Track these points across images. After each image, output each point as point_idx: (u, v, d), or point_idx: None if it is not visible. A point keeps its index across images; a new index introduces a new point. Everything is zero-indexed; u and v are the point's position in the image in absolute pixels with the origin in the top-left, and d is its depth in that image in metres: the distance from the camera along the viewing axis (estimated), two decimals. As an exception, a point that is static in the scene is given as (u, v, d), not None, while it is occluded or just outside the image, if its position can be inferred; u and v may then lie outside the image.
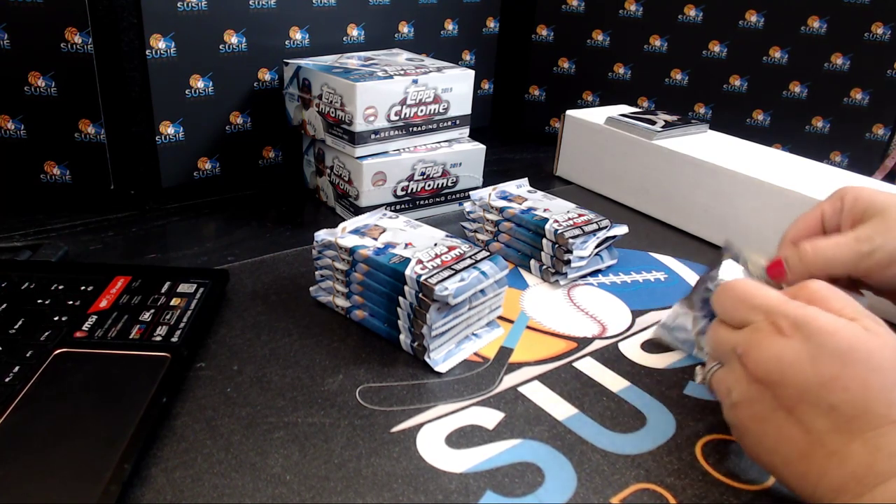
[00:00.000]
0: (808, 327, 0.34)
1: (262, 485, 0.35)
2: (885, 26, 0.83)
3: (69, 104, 0.62)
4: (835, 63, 0.86)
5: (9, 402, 0.36)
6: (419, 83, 0.64)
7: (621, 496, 0.36)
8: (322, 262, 0.50)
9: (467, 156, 0.69)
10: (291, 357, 0.45)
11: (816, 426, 0.33)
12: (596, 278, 0.58)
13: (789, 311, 0.35)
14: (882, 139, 0.88)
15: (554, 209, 0.60)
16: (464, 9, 0.86)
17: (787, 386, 0.34)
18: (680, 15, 0.87)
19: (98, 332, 0.43)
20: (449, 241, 0.49)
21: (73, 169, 0.65)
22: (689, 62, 0.89)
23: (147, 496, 0.33)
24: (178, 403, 0.40)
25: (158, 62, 0.63)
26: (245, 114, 0.71)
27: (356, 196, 0.65)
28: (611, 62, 0.92)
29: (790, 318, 0.34)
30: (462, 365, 0.46)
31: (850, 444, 0.32)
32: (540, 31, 0.92)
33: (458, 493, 0.35)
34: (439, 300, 0.43)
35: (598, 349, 0.48)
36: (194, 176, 0.70)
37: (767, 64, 0.87)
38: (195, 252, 0.59)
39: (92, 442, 0.34)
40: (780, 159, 0.69)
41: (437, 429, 0.40)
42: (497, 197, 0.62)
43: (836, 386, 0.32)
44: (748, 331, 0.36)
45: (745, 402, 0.36)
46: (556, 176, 0.83)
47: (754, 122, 0.90)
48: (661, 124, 0.73)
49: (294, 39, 0.72)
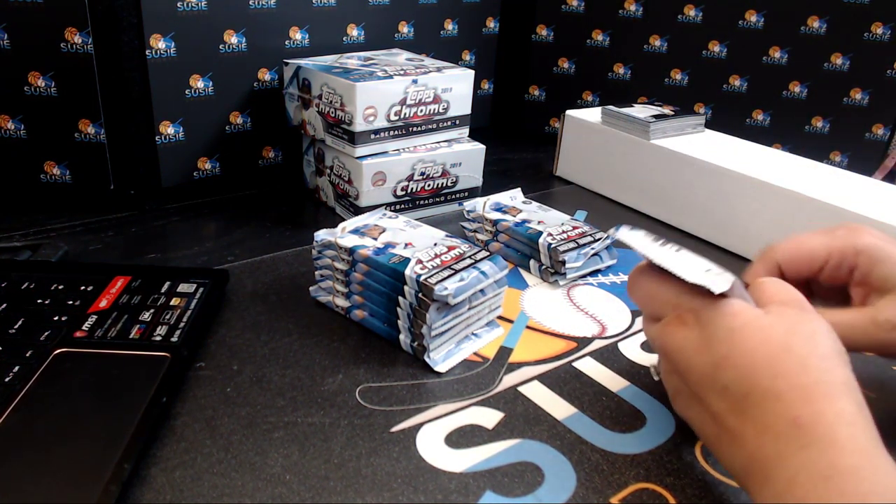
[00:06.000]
0: (705, 313, 0.34)
1: (262, 484, 0.35)
2: (884, 26, 0.83)
3: (69, 104, 0.62)
4: (835, 63, 0.86)
5: (9, 402, 0.36)
6: (419, 83, 0.64)
7: (621, 496, 0.36)
8: (322, 262, 0.50)
9: (467, 156, 0.69)
10: (291, 357, 0.45)
11: (717, 409, 0.33)
12: (596, 278, 0.58)
13: (690, 301, 0.35)
14: (882, 139, 0.88)
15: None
16: (464, 9, 0.86)
17: (691, 373, 0.34)
18: (680, 15, 0.87)
19: (98, 331, 0.43)
20: (449, 241, 0.49)
21: (73, 169, 0.65)
22: (689, 62, 0.89)
23: (147, 496, 0.33)
24: (177, 403, 0.40)
25: (158, 62, 0.63)
26: (245, 114, 0.71)
27: (356, 196, 0.65)
28: (611, 62, 0.92)
29: (691, 308, 0.35)
30: (462, 365, 0.46)
31: (744, 426, 0.31)
32: (540, 31, 0.92)
33: (458, 493, 0.35)
34: (439, 300, 0.43)
35: (597, 349, 0.49)
36: (194, 176, 0.70)
37: (767, 64, 0.87)
38: (195, 252, 0.59)
39: (92, 442, 0.34)
40: (780, 159, 0.69)
41: (436, 428, 0.40)
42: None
43: (726, 365, 0.32)
44: (661, 324, 0.36)
45: (674, 393, 0.37)
46: (556, 176, 0.83)
47: (754, 122, 0.90)
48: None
49: (294, 39, 0.72)
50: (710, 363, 0.33)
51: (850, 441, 0.28)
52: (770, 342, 0.32)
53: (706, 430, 0.34)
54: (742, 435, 0.31)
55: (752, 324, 0.33)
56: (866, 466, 0.28)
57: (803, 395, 0.30)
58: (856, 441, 0.28)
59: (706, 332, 0.34)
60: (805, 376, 0.30)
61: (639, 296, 0.38)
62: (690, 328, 0.34)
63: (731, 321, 0.33)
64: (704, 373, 0.33)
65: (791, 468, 0.29)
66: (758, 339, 0.32)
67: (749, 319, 0.33)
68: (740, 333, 0.32)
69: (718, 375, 0.33)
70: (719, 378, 0.33)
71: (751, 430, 0.31)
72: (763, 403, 0.31)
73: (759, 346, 0.32)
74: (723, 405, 0.32)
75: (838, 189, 0.61)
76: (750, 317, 0.33)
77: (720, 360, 0.33)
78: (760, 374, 0.31)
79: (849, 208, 0.57)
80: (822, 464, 0.28)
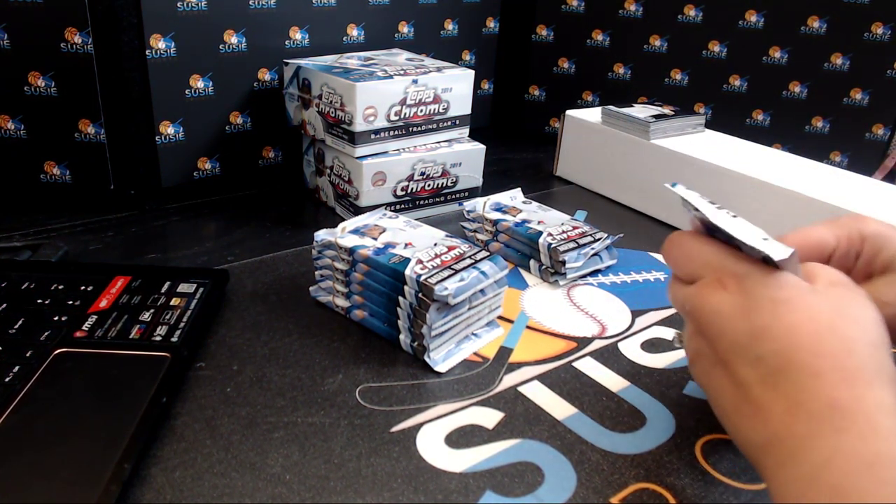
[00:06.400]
0: (750, 280, 0.33)
1: (262, 484, 0.35)
2: (885, 26, 0.83)
3: (69, 104, 0.62)
4: (835, 63, 0.86)
5: (9, 402, 0.36)
6: (419, 83, 0.64)
7: (621, 496, 0.36)
8: (322, 262, 0.50)
9: (467, 156, 0.69)
10: (291, 357, 0.45)
11: (744, 378, 0.32)
12: (596, 278, 0.58)
13: (735, 266, 0.34)
14: (882, 139, 0.88)
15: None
16: (464, 9, 0.86)
17: (722, 338, 0.33)
18: (680, 15, 0.87)
19: (98, 331, 0.43)
20: (449, 241, 0.49)
21: (73, 169, 0.65)
22: (689, 62, 0.89)
23: (147, 496, 0.33)
24: (177, 403, 0.40)
25: (158, 62, 0.63)
26: (245, 114, 0.71)
27: (356, 196, 0.65)
28: (611, 62, 0.92)
29: (735, 273, 0.33)
30: (462, 365, 0.46)
31: (773, 400, 0.30)
32: (540, 31, 0.92)
33: (458, 493, 0.35)
34: (439, 300, 0.43)
35: (597, 349, 0.49)
36: (194, 176, 0.70)
37: (767, 64, 0.87)
38: (195, 252, 0.59)
39: (92, 442, 0.34)
40: (780, 159, 0.69)
41: (436, 428, 0.40)
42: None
43: (765, 335, 0.31)
44: (696, 286, 0.35)
45: (695, 357, 0.35)
46: (556, 176, 0.83)
47: (754, 122, 0.90)
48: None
49: (294, 39, 0.72)
50: (748, 331, 0.32)
51: (893, 432, 0.27)
52: (816, 320, 0.30)
53: (724, 400, 0.33)
54: (769, 409, 0.30)
55: (800, 298, 0.31)
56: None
57: (845, 378, 0.29)
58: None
59: (748, 300, 0.32)
60: (848, 359, 0.29)
61: (675, 255, 0.37)
62: (731, 293, 0.33)
63: (776, 293, 0.32)
64: (738, 341, 0.32)
65: (825, 450, 0.28)
66: (804, 315, 0.31)
67: (796, 294, 0.32)
68: (785, 305, 0.31)
69: (754, 345, 0.31)
70: (754, 348, 0.31)
71: (781, 405, 0.30)
72: (800, 380, 0.29)
73: (805, 322, 0.30)
74: (753, 375, 0.31)
75: (838, 189, 0.61)
76: (798, 291, 0.32)
77: (759, 330, 0.31)
78: (802, 350, 0.30)
79: (849, 208, 0.57)
80: (863, 450, 0.27)
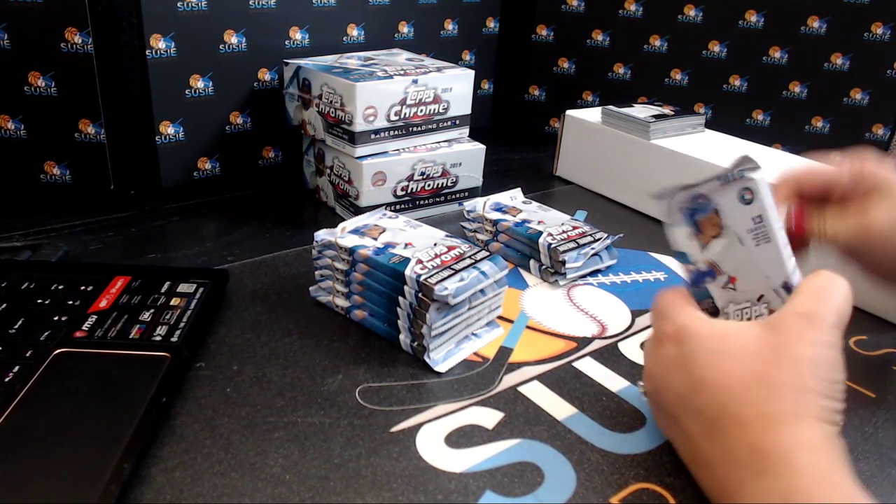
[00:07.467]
0: (684, 332, 0.33)
1: (262, 485, 0.35)
2: (884, 26, 0.83)
3: (69, 104, 0.62)
4: (835, 63, 0.86)
5: (9, 402, 0.36)
6: (419, 83, 0.64)
7: (621, 496, 0.36)
8: (322, 262, 0.50)
9: (467, 156, 0.69)
10: (291, 357, 0.45)
11: (690, 431, 0.33)
12: (595, 278, 0.58)
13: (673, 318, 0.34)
14: (882, 139, 0.88)
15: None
16: (464, 9, 0.86)
17: (667, 392, 0.34)
18: (680, 15, 0.87)
19: (98, 331, 0.43)
20: (449, 241, 0.49)
21: (73, 169, 0.65)
22: (689, 62, 0.89)
23: (147, 496, 0.33)
24: (177, 403, 0.40)
25: (158, 62, 0.63)
26: (245, 114, 0.71)
27: (356, 196, 0.65)
28: (611, 62, 0.92)
29: (671, 326, 0.34)
30: (462, 365, 0.46)
31: (713, 451, 0.31)
32: (540, 31, 0.92)
33: (458, 493, 0.35)
34: (439, 300, 0.43)
35: (597, 349, 0.48)
36: (194, 176, 0.70)
37: (767, 64, 0.87)
38: (195, 252, 0.59)
39: (92, 442, 0.34)
40: (780, 159, 0.69)
41: (436, 429, 0.40)
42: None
43: (702, 387, 0.32)
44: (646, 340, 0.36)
45: (654, 408, 0.37)
46: (556, 176, 0.83)
47: (754, 122, 0.90)
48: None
49: (294, 39, 0.72)
50: (688, 386, 0.33)
51: (809, 467, 0.28)
52: (746, 369, 0.31)
53: (682, 452, 0.35)
54: (712, 461, 0.31)
55: (733, 347, 0.32)
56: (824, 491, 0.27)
57: (765, 424, 0.30)
58: (815, 467, 0.28)
59: (684, 353, 0.33)
60: (773, 405, 0.30)
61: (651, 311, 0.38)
62: (669, 346, 0.34)
63: (707, 344, 0.32)
64: (681, 394, 0.33)
65: (752, 494, 0.29)
66: (735, 364, 0.31)
67: (730, 343, 0.32)
68: (718, 357, 0.32)
69: (693, 397, 0.32)
70: (694, 400, 0.32)
71: (719, 455, 0.31)
72: (730, 430, 0.31)
73: (735, 372, 0.31)
74: (696, 428, 0.32)
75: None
76: (731, 341, 0.32)
77: (696, 384, 0.32)
78: (732, 402, 0.31)
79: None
80: (779, 488, 0.28)
